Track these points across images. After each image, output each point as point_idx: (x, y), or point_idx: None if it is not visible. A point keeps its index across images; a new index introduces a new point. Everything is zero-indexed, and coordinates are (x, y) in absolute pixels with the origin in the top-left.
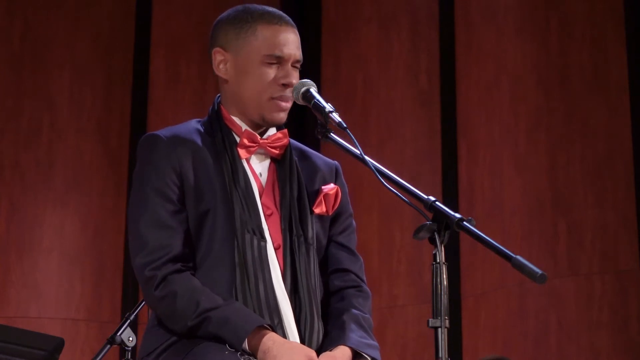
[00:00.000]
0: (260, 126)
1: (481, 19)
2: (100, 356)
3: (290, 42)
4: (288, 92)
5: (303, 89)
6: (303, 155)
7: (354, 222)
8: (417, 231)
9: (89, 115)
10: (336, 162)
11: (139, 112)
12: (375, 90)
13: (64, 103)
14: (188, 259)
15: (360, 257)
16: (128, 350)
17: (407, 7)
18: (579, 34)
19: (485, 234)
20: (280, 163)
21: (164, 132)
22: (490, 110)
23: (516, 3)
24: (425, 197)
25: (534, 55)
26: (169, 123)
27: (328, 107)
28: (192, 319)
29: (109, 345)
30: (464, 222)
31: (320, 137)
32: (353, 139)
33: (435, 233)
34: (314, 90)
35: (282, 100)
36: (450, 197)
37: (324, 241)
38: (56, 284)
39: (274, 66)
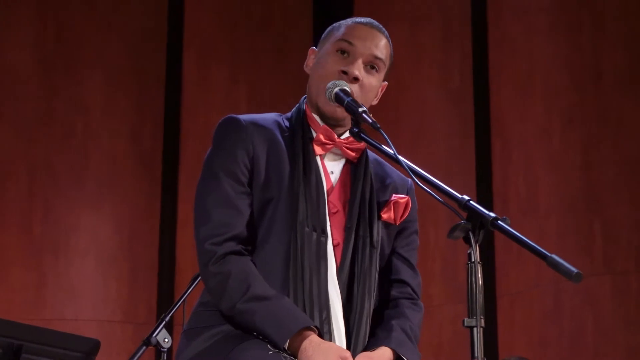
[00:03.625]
0: (336, 126)
1: (513, 17)
2: (135, 358)
3: (368, 39)
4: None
5: (336, 89)
6: (378, 164)
7: (418, 240)
8: (452, 230)
9: (121, 118)
10: (410, 180)
11: (171, 113)
12: (407, 88)
13: (96, 105)
14: (248, 242)
15: (419, 274)
16: (164, 352)
17: (438, 6)
18: (612, 31)
19: (520, 233)
20: (354, 166)
21: (244, 116)
22: (524, 109)
23: (548, 1)
24: (460, 196)
25: (566, 53)
26: (202, 125)
27: (361, 107)
28: (240, 302)
29: (144, 347)
30: (499, 221)
31: (353, 137)
32: (386, 139)
33: (470, 232)
34: (346, 90)
35: None
36: (484, 196)
37: (387, 250)
38: (91, 285)
39: (344, 57)
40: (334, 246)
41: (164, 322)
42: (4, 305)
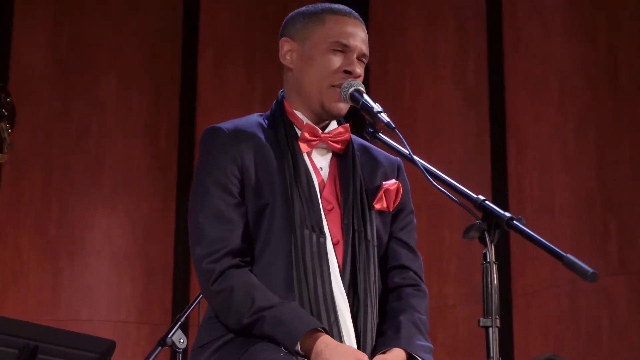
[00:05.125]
0: (322, 120)
1: (528, 17)
2: (151, 358)
3: (358, 34)
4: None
5: (351, 90)
6: (365, 150)
7: (414, 220)
8: (467, 230)
9: (137, 118)
10: (399, 158)
11: (187, 113)
12: (422, 89)
13: (111, 106)
14: (246, 253)
15: (420, 256)
16: (179, 352)
17: (453, 7)
18: (628, 32)
19: (535, 233)
20: (341, 158)
21: (226, 124)
22: (539, 109)
23: (563, 1)
24: (475, 196)
25: (582, 54)
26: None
27: (376, 107)
28: (247, 317)
29: (160, 347)
30: (514, 221)
31: (368, 137)
32: (402, 139)
33: (485, 232)
34: (361, 91)
35: None
36: (500, 196)
37: (385, 237)
38: (106, 286)
39: (339, 55)
40: (334, 245)
41: (180, 323)
42: (20, 306)
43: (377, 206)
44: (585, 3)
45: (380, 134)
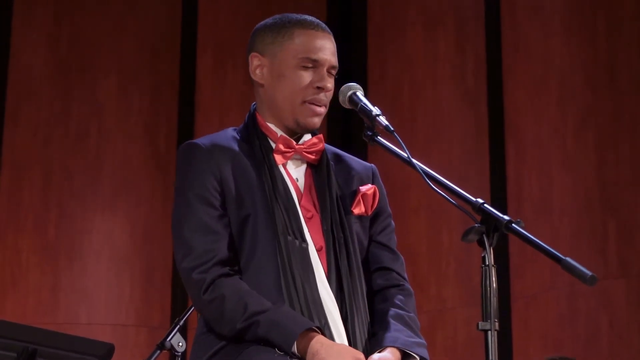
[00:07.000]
0: (296, 132)
1: (527, 18)
2: None
3: (327, 47)
4: (322, 96)
5: (349, 93)
6: (339, 158)
7: (392, 222)
8: (466, 234)
9: (136, 120)
10: (373, 164)
11: (186, 115)
12: (421, 91)
13: (111, 107)
14: (234, 263)
15: (401, 256)
16: (178, 356)
17: (452, 7)
18: (627, 31)
19: (534, 235)
20: (316, 168)
21: (202, 140)
22: (538, 110)
23: (563, 2)
24: (474, 199)
25: (581, 54)
26: (216, 126)
27: (375, 110)
28: (240, 322)
29: (158, 351)
30: (513, 224)
31: (367, 140)
32: (400, 142)
33: (484, 235)
34: (360, 94)
35: (316, 105)
36: (498, 198)
37: (365, 242)
38: (105, 289)
39: (310, 70)
40: (318, 251)
41: (178, 326)
42: (19, 309)
43: (356, 211)
44: (584, 3)
45: (378, 137)
